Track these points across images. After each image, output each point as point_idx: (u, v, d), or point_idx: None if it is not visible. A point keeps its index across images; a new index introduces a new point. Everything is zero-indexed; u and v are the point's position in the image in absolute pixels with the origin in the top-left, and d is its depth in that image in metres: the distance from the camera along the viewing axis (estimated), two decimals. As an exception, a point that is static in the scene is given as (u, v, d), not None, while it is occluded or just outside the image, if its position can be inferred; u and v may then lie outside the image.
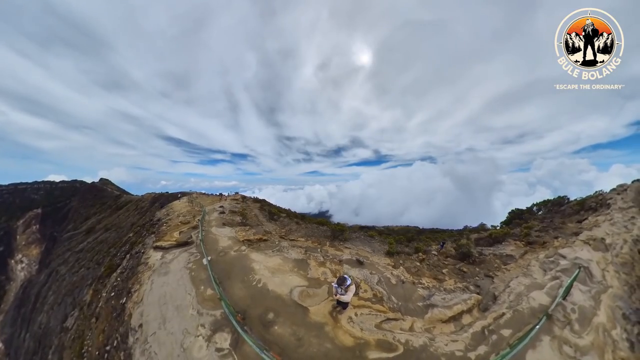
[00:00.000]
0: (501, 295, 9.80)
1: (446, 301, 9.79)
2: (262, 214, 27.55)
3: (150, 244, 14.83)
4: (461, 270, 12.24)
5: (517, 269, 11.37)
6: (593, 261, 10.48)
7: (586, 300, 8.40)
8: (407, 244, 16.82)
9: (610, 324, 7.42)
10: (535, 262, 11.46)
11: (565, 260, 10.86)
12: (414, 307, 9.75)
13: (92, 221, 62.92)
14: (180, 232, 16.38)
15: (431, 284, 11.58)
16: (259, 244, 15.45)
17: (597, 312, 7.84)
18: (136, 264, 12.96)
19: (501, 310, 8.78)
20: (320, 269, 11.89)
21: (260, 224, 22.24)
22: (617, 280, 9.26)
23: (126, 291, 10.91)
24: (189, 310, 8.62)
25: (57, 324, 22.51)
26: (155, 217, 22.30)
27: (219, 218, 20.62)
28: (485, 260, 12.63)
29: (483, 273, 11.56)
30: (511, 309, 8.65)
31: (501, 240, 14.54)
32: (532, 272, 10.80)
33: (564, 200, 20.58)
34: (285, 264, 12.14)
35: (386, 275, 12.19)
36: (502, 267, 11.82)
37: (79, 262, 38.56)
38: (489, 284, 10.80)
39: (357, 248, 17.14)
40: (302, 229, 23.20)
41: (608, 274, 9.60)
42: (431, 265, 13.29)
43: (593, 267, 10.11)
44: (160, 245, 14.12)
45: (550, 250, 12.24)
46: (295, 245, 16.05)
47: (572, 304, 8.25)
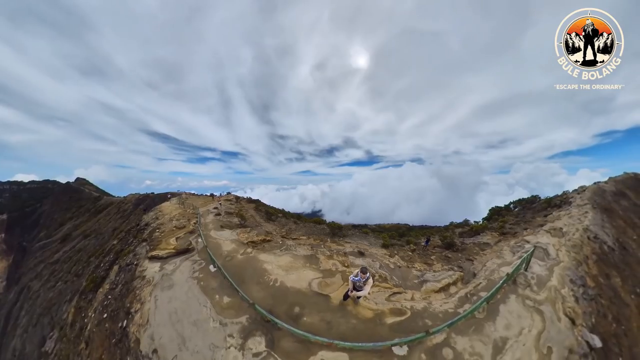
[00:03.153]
0: (479, 272, 11.94)
1: (436, 277, 11.86)
2: (258, 214, 28.02)
3: (143, 254, 13.42)
4: (447, 257, 14.33)
5: (492, 253, 13.64)
6: (550, 244, 12.96)
7: (543, 271, 10.68)
8: (399, 238, 18.81)
9: (560, 285, 9.65)
10: (507, 247, 13.81)
11: (529, 244, 13.28)
12: (411, 283, 11.78)
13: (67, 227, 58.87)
14: (177, 238, 15.37)
15: (422, 268, 13.56)
16: (263, 245, 15.66)
17: (551, 278, 10.09)
18: (130, 278, 11.68)
19: (479, 281, 10.89)
20: (330, 261, 13.33)
21: (260, 225, 22.60)
22: (567, 257, 11.68)
23: (124, 312, 9.71)
24: (210, 323, 8.14)
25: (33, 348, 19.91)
26: (142, 222, 21.06)
27: (215, 220, 20.16)
28: (466, 248, 14.85)
29: (464, 257, 13.71)
30: (486, 279, 10.78)
31: (480, 232, 16.94)
32: (503, 254, 13.10)
33: (536, 199, 23.79)
34: (296, 261, 12.91)
35: (385, 262, 14.20)
36: (480, 252, 14.05)
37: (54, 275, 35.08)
38: (469, 266, 12.93)
39: (356, 242, 18.85)
40: (301, 228, 24.42)
41: (561, 253, 12.04)
42: (421, 254, 15.29)
43: (550, 248, 12.55)
44: (157, 255, 12.93)
45: (519, 238, 14.71)
46: (300, 243, 16.90)
47: (532, 273, 10.49)
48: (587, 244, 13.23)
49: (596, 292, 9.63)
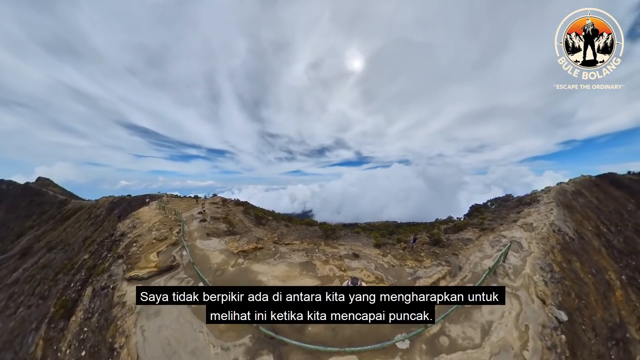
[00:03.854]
0: (464, 266, 13.12)
1: (427, 273, 12.82)
2: (247, 218, 26.81)
3: (120, 275, 11.77)
4: (435, 253, 15.47)
5: (474, 247, 15.01)
6: (523, 238, 14.62)
7: (518, 261, 12.08)
8: (389, 236, 19.82)
9: (532, 272, 11.04)
10: (486, 241, 15.29)
11: (505, 239, 14.87)
12: (405, 281, 12.59)
13: (28, 238, 52.12)
14: (159, 253, 13.57)
15: (414, 265, 14.50)
16: (255, 253, 14.94)
17: (525, 267, 11.48)
18: (108, 305, 10.25)
19: (464, 274, 12.02)
20: (327, 266, 13.41)
21: (249, 231, 21.63)
22: (537, 248, 13.29)
23: (107, 348, 8.45)
24: (211, 349, 7.57)
25: (-5, 396, 17.19)
26: (118, 231, 19.02)
27: (201, 228, 18.40)
28: (452, 243, 16.14)
29: (451, 252, 14.92)
30: (471, 272, 11.94)
31: (463, 228, 18.48)
32: (484, 248, 14.50)
33: (509, 198, 26.38)
34: (292, 270, 12.69)
35: (379, 262, 14.91)
36: (464, 247, 15.37)
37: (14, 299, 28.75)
38: (455, 260, 14.12)
39: (350, 244, 19.41)
40: (293, 231, 24.07)
41: (532, 245, 13.66)
42: (412, 251, 16.32)
43: (522, 242, 14.16)
44: (137, 276, 11.35)
45: (497, 233, 16.32)
46: (294, 249, 16.32)
47: (509, 264, 11.83)
48: (552, 236, 15.11)
49: (561, 275, 11.19)
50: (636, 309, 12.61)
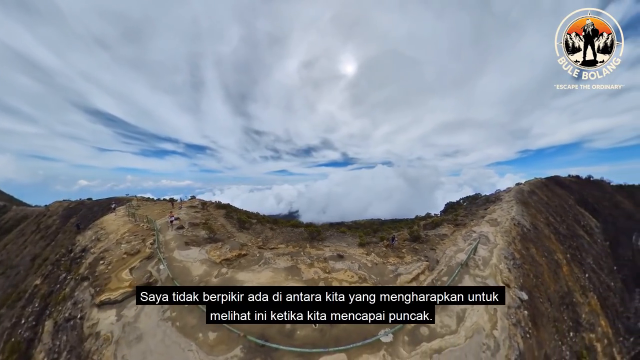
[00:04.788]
0: (441, 259, 14.33)
1: (407, 270, 13.70)
2: (230, 222, 25.39)
3: (89, 301, 10.27)
4: (415, 249, 16.60)
5: (449, 242, 16.44)
6: (490, 232, 16.40)
7: (486, 253, 13.58)
8: (373, 234, 20.75)
9: (498, 262, 12.52)
10: (460, 236, 16.83)
11: (476, 233, 16.54)
12: (388, 278, 13.31)
13: None
14: (132, 270, 12.17)
15: (396, 262, 15.40)
16: (239, 261, 14.43)
17: (492, 258, 12.96)
18: (78, 340, 8.84)
19: (441, 267, 13.15)
20: (312, 269, 13.59)
21: (232, 236, 20.64)
22: (502, 240, 15.03)
23: None
24: None
25: None
26: (77, 246, 16.44)
27: (178, 236, 16.81)
28: (430, 239, 17.46)
29: (429, 247, 16.15)
30: (446, 266, 13.11)
31: (439, 224, 20.08)
32: (457, 242, 15.97)
33: (478, 196, 29.24)
34: (277, 275, 12.65)
35: (363, 261, 15.51)
36: (441, 242, 16.75)
37: None
38: (433, 254, 15.33)
39: (335, 245, 19.86)
40: (279, 234, 23.68)
41: (497, 238, 15.41)
42: (394, 248, 17.29)
43: (490, 235, 15.89)
44: (108, 299, 10.04)
45: (468, 228, 18.03)
46: (279, 253, 16.18)
47: (478, 256, 13.25)
48: (513, 228, 17.15)
49: (521, 261, 12.87)
50: (579, 279, 15.21)
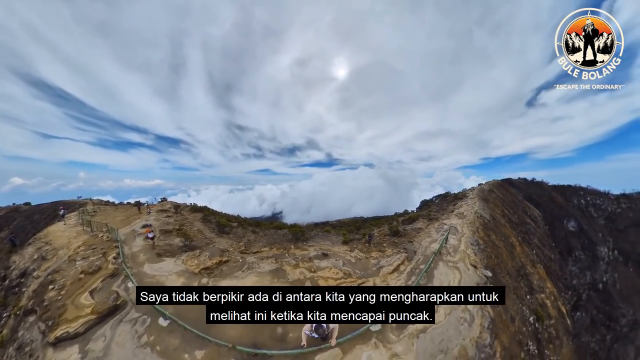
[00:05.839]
0: (418, 250, 15.72)
1: (389, 262, 14.77)
2: (208, 227, 23.92)
3: (40, 340, 8.57)
4: (394, 242, 17.88)
5: (424, 234, 18.06)
6: (458, 224, 18.42)
7: (455, 241, 15.29)
8: (356, 232, 21.72)
9: (465, 248, 14.25)
10: (433, 229, 18.59)
11: (446, 225, 18.44)
12: (371, 271, 14.21)
13: None
14: (93, 292, 10.40)
15: (378, 256, 16.42)
16: (220, 268, 13.58)
17: (460, 245, 14.66)
18: None
19: (418, 257, 14.46)
20: (297, 270, 13.72)
21: (211, 242, 19.45)
22: (468, 230, 17.02)
23: None
24: None
25: None
26: (15, 269, 14.19)
27: (148, 247, 15.13)
28: (407, 233, 18.95)
29: (407, 240, 17.56)
30: (422, 255, 14.49)
31: (416, 219, 21.90)
32: (431, 234, 17.63)
33: (448, 194, 32.39)
34: (262, 279, 12.48)
35: (347, 258, 16.25)
36: (417, 235, 18.31)
37: None
38: (411, 246, 16.71)
39: (319, 244, 20.32)
40: (261, 237, 22.98)
41: (464, 228, 17.41)
42: (376, 244, 18.37)
43: (458, 227, 17.85)
44: (67, 334, 8.46)
45: (440, 221, 19.98)
46: (262, 257, 15.88)
47: (449, 245, 14.87)
48: (477, 220, 19.47)
49: (484, 246, 14.82)
50: (528, 255, 18.69)
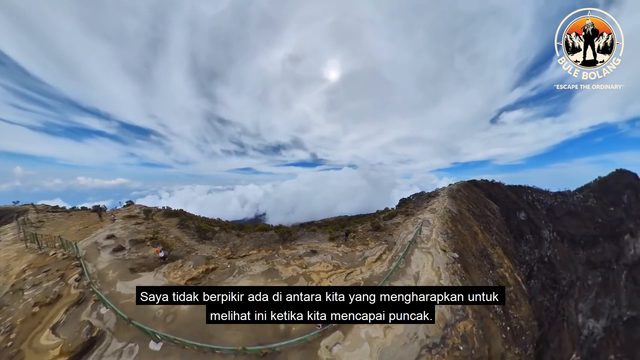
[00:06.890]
0: (397, 241, 17.60)
1: (372, 253, 16.40)
2: (186, 234, 22.36)
3: None
4: (377, 236, 19.64)
5: (402, 228, 20.13)
6: (430, 217, 20.90)
7: (428, 232, 17.53)
8: (341, 229, 23.09)
9: (436, 236, 16.50)
10: (410, 223, 20.80)
11: (420, 219, 20.78)
12: (357, 262, 15.68)
13: None
14: (56, 327, 8.38)
15: (362, 248, 17.93)
16: (208, 277, 12.91)
17: (432, 234, 16.87)
18: None
19: (397, 246, 16.33)
20: (289, 268, 14.37)
21: (192, 250, 18.25)
22: (438, 222, 19.47)
23: None
24: None
25: None
26: None
27: (118, 262, 13.03)
28: (387, 227, 20.88)
29: (387, 234, 19.43)
30: (401, 244, 16.40)
31: (395, 215, 24.13)
32: (408, 227, 19.76)
33: (423, 193, 35.90)
34: (255, 281, 12.69)
35: (335, 252, 17.57)
36: (396, 228, 20.32)
37: None
38: (391, 238, 18.59)
39: (307, 243, 21.12)
40: (247, 240, 22.27)
41: (435, 221, 19.87)
42: (360, 238, 19.91)
43: (430, 220, 20.28)
44: None
45: (415, 216, 22.35)
46: (252, 260, 15.79)
47: (423, 235, 16.99)
48: (446, 214, 22.16)
49: (452, 234, 17.27)
50: (489, 240, 22.82)
